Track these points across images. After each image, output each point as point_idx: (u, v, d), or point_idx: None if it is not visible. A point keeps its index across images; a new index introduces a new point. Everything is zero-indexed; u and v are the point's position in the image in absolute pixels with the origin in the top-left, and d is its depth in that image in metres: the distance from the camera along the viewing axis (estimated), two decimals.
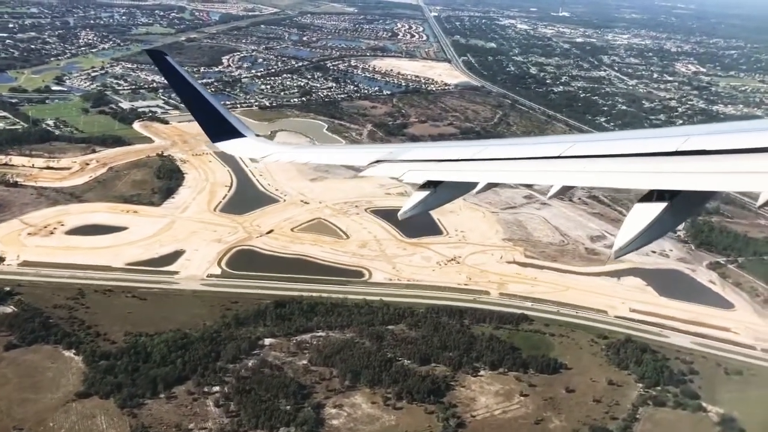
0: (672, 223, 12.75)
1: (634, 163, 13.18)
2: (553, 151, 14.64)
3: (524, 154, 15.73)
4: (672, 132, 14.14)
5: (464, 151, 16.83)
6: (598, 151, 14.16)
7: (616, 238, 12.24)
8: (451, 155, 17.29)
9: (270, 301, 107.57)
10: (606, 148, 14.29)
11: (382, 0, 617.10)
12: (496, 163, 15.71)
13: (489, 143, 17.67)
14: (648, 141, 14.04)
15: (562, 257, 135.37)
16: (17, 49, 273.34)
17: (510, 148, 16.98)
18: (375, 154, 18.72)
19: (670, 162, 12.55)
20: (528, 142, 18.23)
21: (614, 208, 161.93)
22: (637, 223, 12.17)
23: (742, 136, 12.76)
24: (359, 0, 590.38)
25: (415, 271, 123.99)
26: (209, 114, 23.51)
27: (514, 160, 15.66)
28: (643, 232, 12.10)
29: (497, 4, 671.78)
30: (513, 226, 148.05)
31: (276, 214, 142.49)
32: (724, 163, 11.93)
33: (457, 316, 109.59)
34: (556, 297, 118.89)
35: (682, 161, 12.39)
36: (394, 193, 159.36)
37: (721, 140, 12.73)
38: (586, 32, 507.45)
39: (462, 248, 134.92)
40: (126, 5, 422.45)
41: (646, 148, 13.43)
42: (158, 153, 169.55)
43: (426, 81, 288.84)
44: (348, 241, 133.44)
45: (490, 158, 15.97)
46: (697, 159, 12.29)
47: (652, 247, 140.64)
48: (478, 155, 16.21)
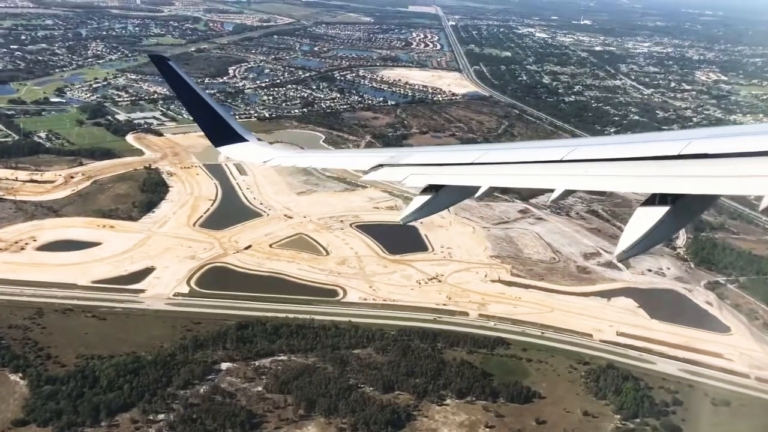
0: (674, 226, 12.92)
1: (636, 167, 13.33)
2: (555, 155, 14.77)
3: (526, 158, 15.81)
4: (674, 136, 14.23)
5: (466, 155, 17.04)
6: (600, 155, 14.36)
7: (619, 242, 12.38)
8: (453, 159, 17.56)
9: (234, 323, 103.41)
10: (608, 152, 14.54)
11: (400, 10, 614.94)
12: (497, 167, 15.84)
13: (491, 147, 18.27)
14: (650, 145, 14.05)
15: (551, 276, 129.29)
16: (24, 61, 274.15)
17: (512, 152, 17.05)
18: (377, 158, 18.81)
19: (672, 166, 12.73)
20: (530, 146, 18.26)
21: (613, 224, 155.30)
22: (639, 227, 12.32)
23: (744, 139, 12.95)
24: (377, 10, 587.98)
25: (393, 290, 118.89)
26: (211, 118, 23.62)
27: (516, 164, 15.77)
28: (645, 236, 12.24)
29: (518, 12, 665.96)
30: (503, 242, 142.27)
31: (257, 229, 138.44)
32: (726, 167, 12.08)
33: (431, 339, 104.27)
34: (538, 319, 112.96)
35: (684, 165, 12.58)
36: (383, 207, 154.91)
37: (723, 144, 12.82)
38: (606, 40, 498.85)
39: (446, 266, 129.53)
40: (141, 16, 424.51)
41: (648, 152, 13.47)
42: (146, 166, 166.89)
43: (433, 91, 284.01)
44: (327, 257, 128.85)
45: (492, 162, 16.12)
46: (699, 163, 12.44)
47: (649, 265, 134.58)
48: (479, 159, 16.37)
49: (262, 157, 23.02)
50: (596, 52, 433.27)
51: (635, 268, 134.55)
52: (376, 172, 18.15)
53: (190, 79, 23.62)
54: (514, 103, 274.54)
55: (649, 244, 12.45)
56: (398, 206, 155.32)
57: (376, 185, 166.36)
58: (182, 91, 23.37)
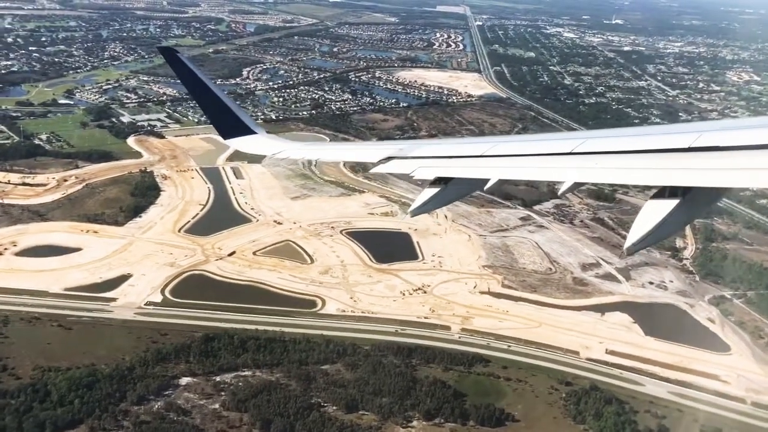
0: (684, 220, 12.99)
1: (646, 159, 13.29)
2: (565, 148, 14.85)
3: (535, 151, 15.79)
4: (685, 128, 14.19)
5: (475, 148, 17.07)
6: (610, 148, 14.28)
7: (629, 235, 12.28)
8: (462, 152, 17.53)
9: (201, 335, 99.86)
10: (618, 144, 14.46)
11: (427, 10, 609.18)
12: (507, 160, 15.85)
13: (500, 140, 17.67)
14: (660, 137, 14.20)
15: (544, 288, 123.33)
16: (41, 63, 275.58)
17: (521, 144, 17.00)
18: (386, 150, 18.84)
19: (682, 158, 12.71)
20: (539, 139, 18.21)
21: (618, 232, 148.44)
22: (649, 220, 12.28)
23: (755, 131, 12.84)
24: (404, 10, 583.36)
25: (374, 301, 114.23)
26: (220, 111, 23.66)
27: (525, 156, 15.78)
28: (655, 229, 12.22)
29: (548, 12, 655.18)
30: (498, 251, 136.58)
31: (244, 235, 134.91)
32: (737, 159, 12.10)
33: (406, 354, 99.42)
34: (524, 334, 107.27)
35: (694, 157, 12.60)
36: (378, 213, 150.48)
37: (734, 136, 12.85)
38: (636, 40, 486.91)
39: (434, 276, 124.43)
40: (164, 17, 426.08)
41: (659, 144, 13.59)
42: (141, 169, 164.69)
43: (449, 92, 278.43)
44: (311, 266, 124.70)
45: (501, 155, 16.13)
46: (710, 155, 12.49)
47: (651, 277, 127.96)
48: (489, 152, 16.38)
49: (271, 150, 22.97)
50: (624, 53, 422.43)
51: (635, 280, 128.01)
52: (385, 165, 18.21)
53: (199, 71, 23.60)
54: (531, 104, 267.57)
55: (658, 237, 12.38)
56: (394, 212, 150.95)
57: (374, 190, 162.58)
58: (191, 84, 23.35)
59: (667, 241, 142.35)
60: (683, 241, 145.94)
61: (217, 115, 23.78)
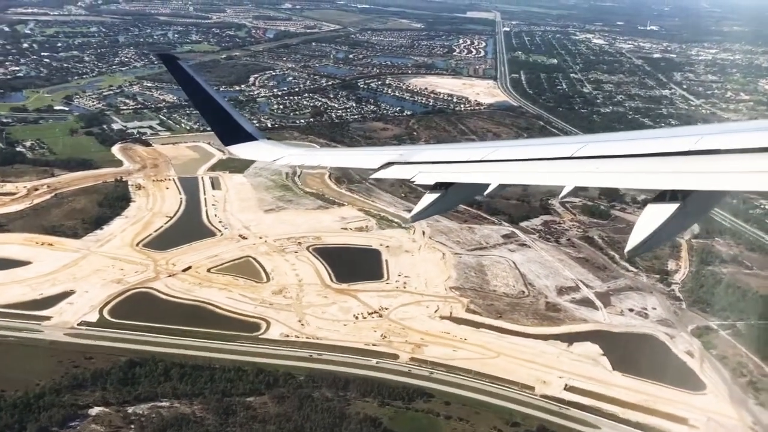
0: (685, 223, 13.03)
1: (646, 163, 13.39)
2: (565, 152, 14.90)
3: (536, 155, 15.88)
4: (685, 131, 14.19)
5: (475, 153, 17.16)
6: (611, 152, 14.38)
7: (630, 238, 12.39)
8: (462, 157, 17.82)
9: (126, 359, 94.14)
10: (618, 148, 14.53)
11: (457, 16, 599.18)
12: (507, 165, 15.91)
13: (500, 144, 17.70)
14: (660, 141, 14.21)
15: (512, 313, 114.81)
16: (49, 68, 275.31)
17: (521, 149, 17.26)
18: (386, 156, 18.93)
19: (683, 162, 12.77)
20: (540, 143, 18.78)
21: (606, 252, 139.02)
22: (649, 224, 12.32)
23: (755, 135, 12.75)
24: (432, 16, 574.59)
25: (324, 325, 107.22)
26: (221, 118, 23.83)
27: (525, 161, 15.88)
28: (656, 233, 12.23)
29: (581, 18, 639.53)
30: (471, 271, 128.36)
31: (204, 250, 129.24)
32: (737, 163, 12.13)
33: (342, 386, 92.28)
34: (478, 365, 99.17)
35: (694, 161, 12.65)
36: (352, 228, 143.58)
37: (734, 139, 12.93)
38: (669, 47, 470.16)
39: (396, 298, 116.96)
40: (186, 23, 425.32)
41: (659, 148, 13.61)
42: (116, 178, 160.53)
43: (458, 100, 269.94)
44: (265, 285, 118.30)
45: (502, 159, 16.17)
46: (710, 159, 12.53)
47: (633, 304, 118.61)
48: (489, 156, 16.43)
49: (271, 156, 23.02)
50: (653, 60, 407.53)
51: (615, 306, 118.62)
52: (386, 170, 18.30)
53: (200, 78, 23.55)
54: (542, 113, 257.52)
55: (659, 240, 12.47)
56: (369, 227, 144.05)
57: (355, 203, 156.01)
58: (192, 90, 23.27)
59: (657, 263, 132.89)
60: (676, 263, 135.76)
61: (218, 122, 23.84)
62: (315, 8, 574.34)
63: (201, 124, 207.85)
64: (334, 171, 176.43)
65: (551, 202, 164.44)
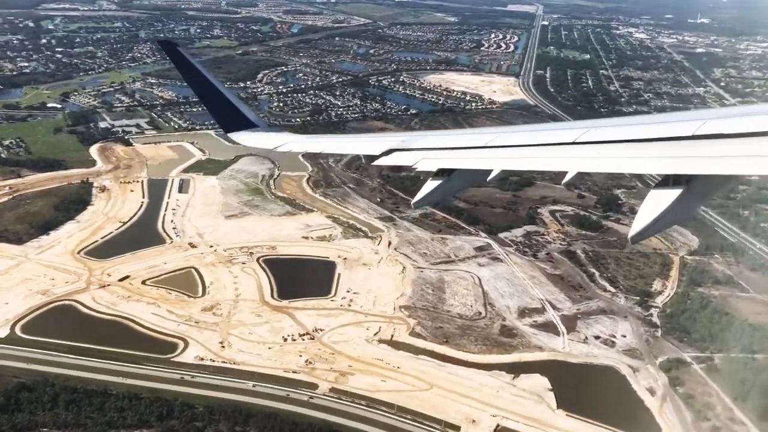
0: (689, 208, 13.04)
1: (649, 148, 13.42)
2: (568, 138, 14.98)
3: (538, 141, 15.89)
4: (688, 116, 14.16)
5: (478, 139, 17.18)
6: (613, 137, 14.42)
7: (633, 224, 12.53)
8: (465, 143, 17.65)
9: (16, 382, 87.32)
10: (621, 133, 14.61)
11: (496, 9, 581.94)
12: (510, 151, 15.96)
13: (503, 130, 17.61)
14: (664, 126, 14.12)
15: (461, 337, 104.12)
16: (58, 64, 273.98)
17: (524, 135, 17.03)
18: (388, 143, 18.94)
19: (686, 146, 12.79)
20: (542, 129, 18.17)
21: (586, 269, 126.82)
22: (653, 209, 12.37)
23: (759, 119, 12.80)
24: (469, 9, 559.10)
25: (247, 348, 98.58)
26: (222, 105, 24.17)
27: (528, 147, 15.94)
28: (659, 218, 12.28)
29: (628, 11, 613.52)
30: (429, 288, 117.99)
31: (147, 259, 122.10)
32: (741, 146, 12.11)
33: (242, 420, 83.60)
34: (405, 399, 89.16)
35: (698, 145, 12.65)
36: (314, 237, 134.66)
37: (738, 123, 12.87)
38: (716, 40, 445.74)
39: (336, 317, 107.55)
40: (213, 18, 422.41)
41: (662, 132, 13.54)
42: (83, 180, 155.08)
43: (472, 98, 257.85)
44: (197, 300, 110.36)
45: (504, 145, 16.26)
46: (713, 143, 12.51)
47: (601, 330, 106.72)
48: (491, 143, 16.50)
49: (272, 143, 23.37)
50: (695, 54, 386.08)
51: (579, 332, 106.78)
52: (388, 157, 18.31)
53: (200, 66, 23.89)
54: (557, 113, 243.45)
55: (662, 226, 12.49)
56: (332, 236, 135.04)
57: (326, 209, 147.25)
58: (192, 78, 23.50)
59: (641, 283, 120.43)
60: (663, 282, 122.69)
61: (219, 110, 24.17)
62: (350, 2, 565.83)
63: (190, 123, 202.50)
64: (314, 174, 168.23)
65: (540, 211, 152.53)
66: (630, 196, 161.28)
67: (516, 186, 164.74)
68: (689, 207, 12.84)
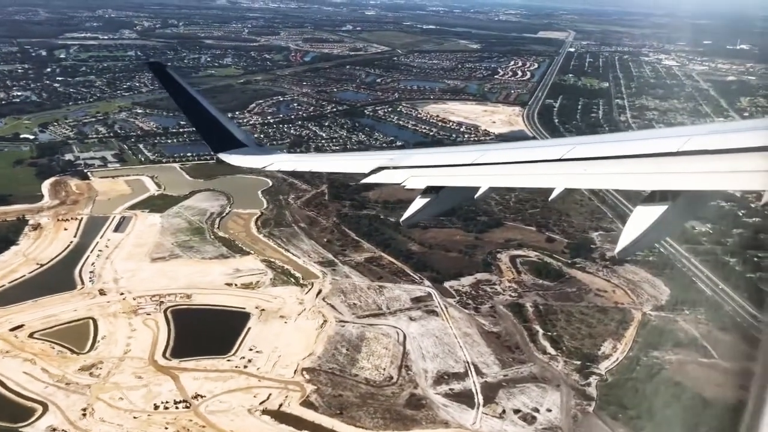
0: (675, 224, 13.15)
1: (636, 164, 13.45)
2: (554, 154, 14.99)
3: (525, 158, 15.93)
4: (673, 132, 14.39)
5: (465, 156, 17.37)
6: (600, 153, 14.38)
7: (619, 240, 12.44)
8: (453, 160, 17.81)
9: None
10: (607, 149, 14.50)
11: (523, 36, 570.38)
12: (497, 168, 16.00)
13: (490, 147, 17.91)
14: (649, 142, 14.26)
15: (360, 408, 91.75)
16: (52, 93, 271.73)
17: (511, 152, 16.95)
18: (377, 161, 18.76)
19: (671, 162, 12.81)
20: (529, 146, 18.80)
21: (530, 326, 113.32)
22: (639, 225, 12.33)
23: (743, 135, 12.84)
24: (494, 37, 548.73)
25: (110, 416, 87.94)
26: (211, 125, 23.81)
27: (515, 164, 15.92)
28: (645, 234, 12.25)
29: (665, 38, 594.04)
30: (345, 346, 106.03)
31: (49, 307, 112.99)
32: (726, 163, 12.11)
33: None
34: None
35: (683, 161, 12.64)
36: (239, 284, 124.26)
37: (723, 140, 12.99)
38: (751, 68, 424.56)
39: (226, 381, 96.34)
40: (228, 46, 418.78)
41: (648, 149, 13.64)
42: (18, 217, 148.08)
43: (467, 129, 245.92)
44: (79, 357, 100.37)
45: (492, 162, 16.28)
46: (698, 159, 12.52)
47: (524, 402, 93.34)
48: (479, 160, 16.56)
49: (261, 162, 23.18)
50: (723, 83, 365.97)
51: (498, 404, 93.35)
52: (376, 175, 18.28)
53: (189, 87, 23.67)
54: None
55: (648, 241, 12.46)
56: (260, 282, 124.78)
57: (265, 252, 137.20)
58: (181, 99, 23.25)
59: (590, 343, 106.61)
60: (614, 344, 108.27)
61: (207, 130, 23.76)
62: (376, 29, 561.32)
63: (158, 156, 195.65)
64: (267, 212, 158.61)
65: (499, 256, 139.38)
66: (606, 240, 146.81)
67: (482, 227, 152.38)
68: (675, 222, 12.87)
